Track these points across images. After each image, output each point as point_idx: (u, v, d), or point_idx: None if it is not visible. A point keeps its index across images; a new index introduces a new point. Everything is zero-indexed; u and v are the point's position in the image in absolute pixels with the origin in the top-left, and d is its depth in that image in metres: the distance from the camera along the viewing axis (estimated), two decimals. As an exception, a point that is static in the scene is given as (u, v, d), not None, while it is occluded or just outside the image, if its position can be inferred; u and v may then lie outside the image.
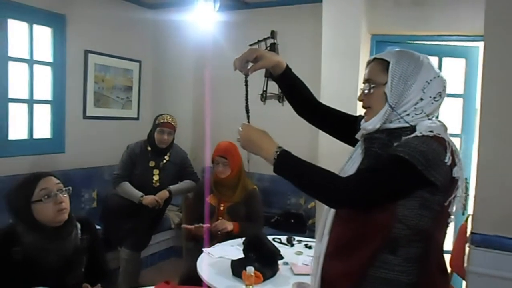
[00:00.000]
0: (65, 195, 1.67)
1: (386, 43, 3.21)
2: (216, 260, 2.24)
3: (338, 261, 1.19)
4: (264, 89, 3.99)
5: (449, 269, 2.73)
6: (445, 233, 1.20)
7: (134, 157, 3.29)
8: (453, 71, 3.19)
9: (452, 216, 1.17)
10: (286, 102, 3.79)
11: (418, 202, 1.10)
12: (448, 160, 1.09)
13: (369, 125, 1.21)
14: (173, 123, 3.29)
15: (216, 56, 4.23)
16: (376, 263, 1.13)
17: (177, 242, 3.90)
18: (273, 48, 3.91)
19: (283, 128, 3.80)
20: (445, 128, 1.18)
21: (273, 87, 3.98)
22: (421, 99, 1.17)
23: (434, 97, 1.18)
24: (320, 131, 1.45)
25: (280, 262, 2.15)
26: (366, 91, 1.23)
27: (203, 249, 2.36)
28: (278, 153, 1.18)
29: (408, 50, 1.23)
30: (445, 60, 3.17)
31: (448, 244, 2.96)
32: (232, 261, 2.07)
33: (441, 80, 1.20)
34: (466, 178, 3.09)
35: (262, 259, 2.04)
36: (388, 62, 1.20)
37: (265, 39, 3.99)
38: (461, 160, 1.13)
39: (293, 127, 3.69)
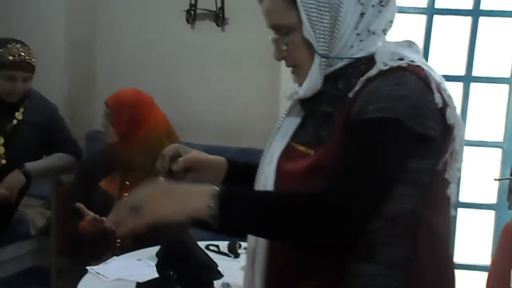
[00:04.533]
0: None
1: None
2: (111, 283, 2.11)
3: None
4: (192, 2, 3.74)
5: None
6: (445, 217, 1.18)
7: None
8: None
9: (452, 185, 1.15)
10: (228, 26, 3.70)
11: None
12: (437, 99, 1.07)
13: (307, 92, 1.18)
14: (31, 62, 2.81)
15: None
16: (348, 279, 1.11)
17: (42, 259, 3.57)
18: None
19: (226, 65, 3.71)
20: (412, 44, 1.16)
21: (207, 1, 3.75)
22: (362, 15, 1.13)
23: (380, 2, 1.14)
24: (283, 66, 1.32)
25: (217, 283, 2.08)
26: (282, 46, 1.19)
27: (88, 268, 2.20)
28: (216, 196, 1.05)
29: None
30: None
31: (485, 258, 2.87)
32: (138, 284, 2.02)
33: None
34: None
35: (188, 279, 2.00)
36: None
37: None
38: (452, 97, 1.12)
39: (241, 63, 3.66)
